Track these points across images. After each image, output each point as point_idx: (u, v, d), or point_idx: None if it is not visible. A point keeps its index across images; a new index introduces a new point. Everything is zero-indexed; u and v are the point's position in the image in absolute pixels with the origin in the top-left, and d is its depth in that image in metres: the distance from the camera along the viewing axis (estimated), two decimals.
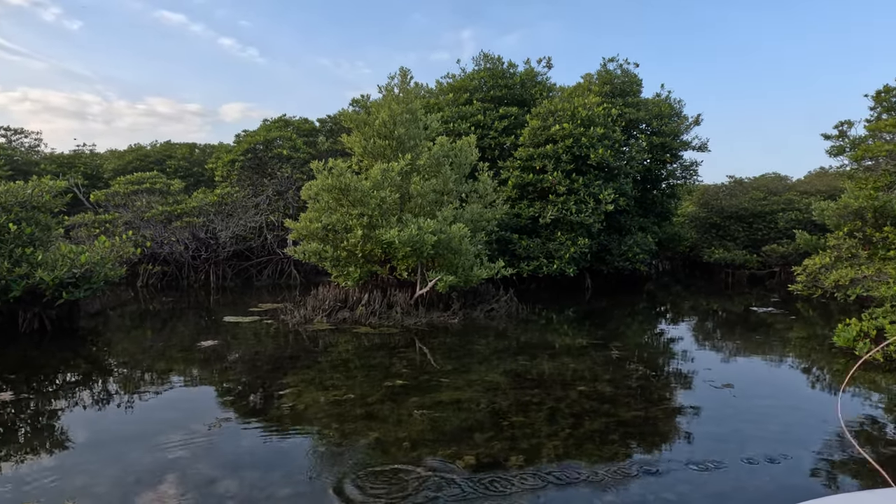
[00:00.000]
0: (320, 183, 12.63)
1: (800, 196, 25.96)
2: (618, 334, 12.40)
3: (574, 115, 19.00)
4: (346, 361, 9.32)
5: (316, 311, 12.92)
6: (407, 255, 12.58)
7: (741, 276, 24.52)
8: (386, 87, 14.33)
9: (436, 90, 23.05)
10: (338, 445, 5.64)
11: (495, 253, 18.03)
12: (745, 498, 4.58)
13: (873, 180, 13.70)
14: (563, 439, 5.82)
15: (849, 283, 11.86)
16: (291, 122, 24.77)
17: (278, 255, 22.20)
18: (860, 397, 7.60)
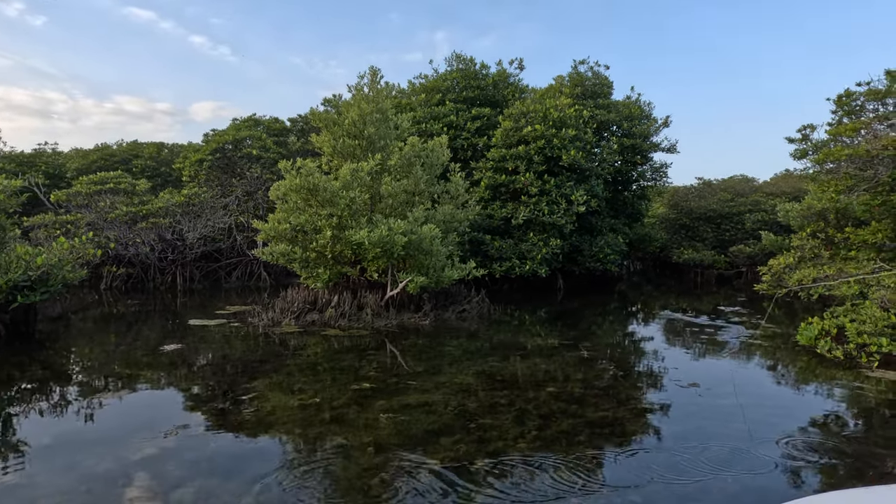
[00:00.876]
0: (288, 183, 12.42)
1: (766, 197, 26.52)
2: (588, 334, 12.46)
3: (546, 117, 19.09)
4: (314, 365, 9.15)
5: (284, 314, 12.69)
6: (377, 256, 12.44)
7: (710, 275, 24.95)
8: (355, 87, 14.18)
9: (408, 90, 22.94)
10: (301, 452, 5.50)
11: (468, 254, 18.00)
12: (709, 499, 4.59)
13: (835, 183, 14.02)
14: (529, 441, 5.77)
15: (811, 283, 12.10)
16: (261, 122, 24.38)
17: (248, 257, 21.81)
18: (822, 394, 7.73)
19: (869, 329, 9.17)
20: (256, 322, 12.47)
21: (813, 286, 12.22)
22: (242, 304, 15.77)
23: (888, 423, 6.52)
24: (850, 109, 15.09)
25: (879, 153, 11.90)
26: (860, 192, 13.65)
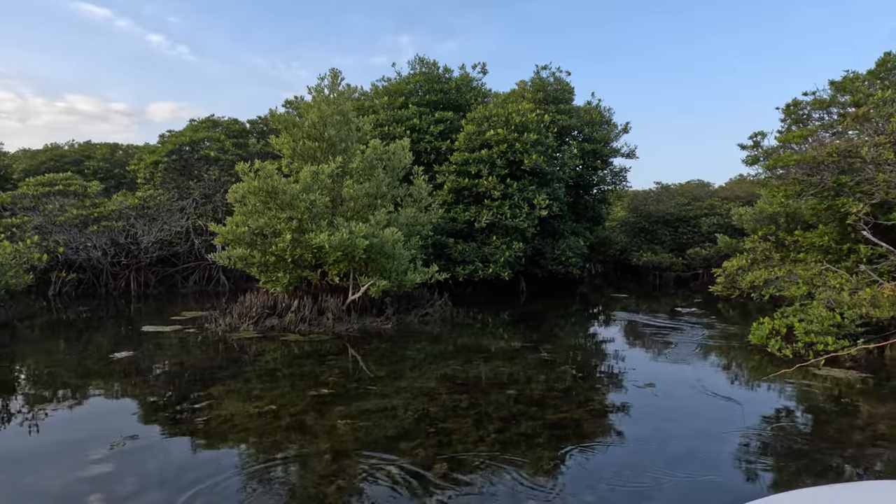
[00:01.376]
0: (247, 186, 12.17)
1: (721, 202, 27.33)
2: (550, 336, 12.58)
3: (508, 121, 19.25)
4: (272, 371, 8.97)
5: (242, 319, 12.42)
6: (338, 259, 12.30)
7: (668, 277, 25.55)
8: (315, 88, 14.01)
9: (371, 93, 22.83)
10: (255, 461, 5.36)
11: (431, 257, 17.97)
12: (663, 496, 4.66)
13: (784, 188, 14.53)
14: (489, 444, 5.77)
15: (763, 284, 12.51)
16: (220, 123, 23.88)
17: (206, 261, 21.27)
18: (772, 392, 7.98)
19: (816, 328, 9.52)
20: (213, 328, 12.16)
21: (764, 287, 12.64)
22: (200, 310, 15.36)
23: (834, 419, 6.76)
24: (797, 118, 15.68)
25: (825, 160, 12.39)
26: (808, 196, 14.18)
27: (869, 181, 12.00)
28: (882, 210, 12.25)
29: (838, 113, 14.93)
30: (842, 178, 12.91)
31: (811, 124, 15.39)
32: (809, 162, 12.92)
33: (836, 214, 13.27)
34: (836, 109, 15.13)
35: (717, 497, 4.64)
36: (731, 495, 4.66)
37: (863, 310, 9.46)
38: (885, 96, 11.86)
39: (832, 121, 15.03)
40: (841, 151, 12.19)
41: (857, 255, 12.76)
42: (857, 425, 6.51)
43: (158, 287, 20.89)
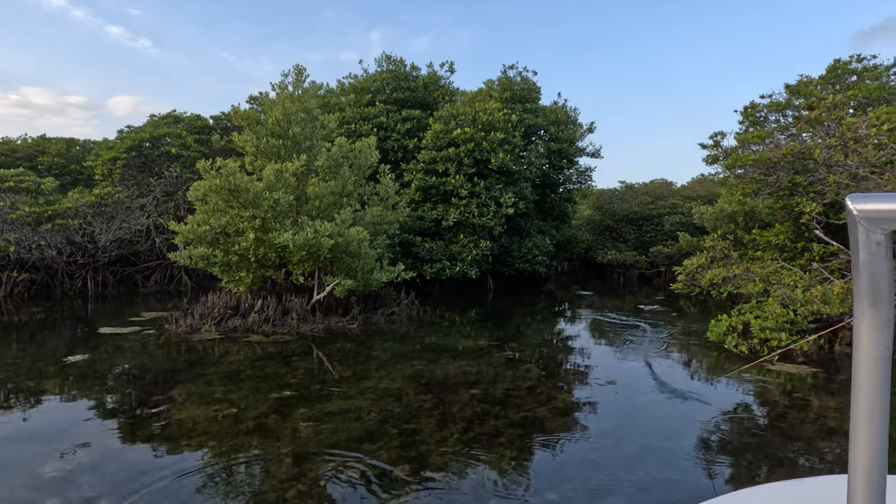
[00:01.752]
0: (208, 184, 11.92)
1: (683, 200, 27.94)
2: (516, 335, 12.67)
3: (476, 120, 19.31)
4: (234, 373, 8.80)
5: (204, 320, 12.16)
6: (303, 259, 12.15)
7: (632, 275, 26.01)
8: (279, 85, 13.79)
9: (337, 90, 22.61)
10: (212, 466, 5.26)
11: (398, 256, 17.93)
12: (620, 492, 4.74)
13: (742, 187, 14.94)
14: (451, 445, 5.78)
15: (721, 282, 12.84)
16: (182, 118, 23.30)
17: (167, 260, 20.77)
18: (729, 388, 8.20)
19: (770, 325, 9.83)
20: (174, 329, 11.88)
21: (723, 285, 12.98)
22: (161, 310, 14.98)
23: (787, 414, 6.99)
24: (755, 120, 16.14)
25: (780, 161, 12.78)
26: (765, 196, 14.61)
27: (821, 182, 12.43)
28: (833, 210, 12.70)
29: (793, 115, 15.43)
30: (796, 178, 13.34)
31: (768, 126, 15.86)
32: (766, 162, 13.32)
33: (791, 214, 13.70)
34: (791, 112, 15.64)
35: (673, 493, 4.75)
36: (687, 492, 4.77)
37: (814, 307, 9.80)
38: (835, 100, 12.29)
39: (787, 123, 15.52)
40: (795, 153, 12.59)
41: (810, 254, 13.21)
42: (808, 419, 6.75)
43: (117, 287, 20.29)
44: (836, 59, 14.94)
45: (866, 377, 0.71)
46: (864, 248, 0.67)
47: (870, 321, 0.69)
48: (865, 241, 0.67)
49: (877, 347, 0.70)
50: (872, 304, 0.69)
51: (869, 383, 0.71)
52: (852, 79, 15.04)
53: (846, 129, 11.16)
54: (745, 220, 16.59)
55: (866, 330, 0.70)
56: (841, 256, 12.12)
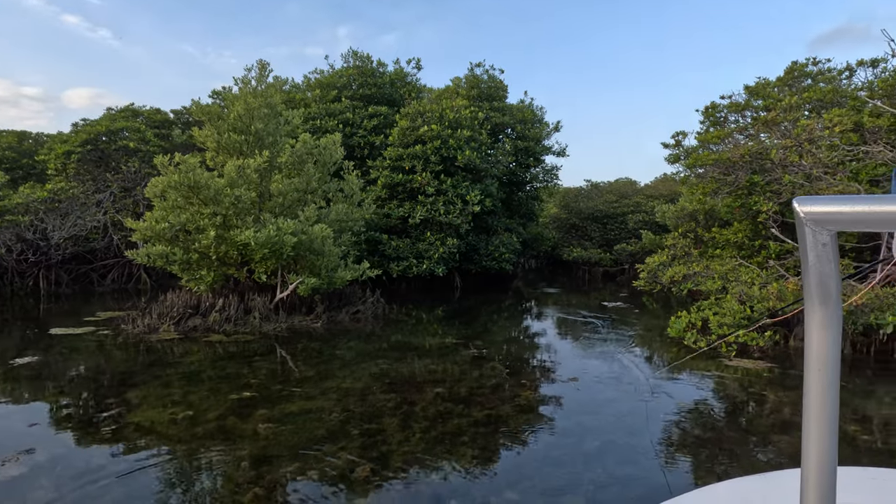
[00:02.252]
0: (166, 180, 11.58)
1: (646, 199, 28.46)
2: (482, 332, 12.68)
3: (442, 117, 19.26)
4: (192, 374, 8.57)
5: (162, 319, 11.82)
6: (265, 257, 11.92)
7: (596, 272, 26.38)
8: (242, 80, 13.48)
9: (303, 86, 22.28)
10: (167, 471, 5.09)
11: (364, 253, 17.77)
12: (580, 491, 4.77)
13: (702, 186, 15.27)
14: (413, 444, 5.73)
15: (682, 279, 13.11)
16: (141, 112, 22.61)
17: (126, 258, 20.13)
18: (688, 384, 8.35)
19: (728, 321, 10.06)
20: (131, 329, 11.51)
21: (683, 282, 13.24)
22: (118, 310, 14.51)
23: (744, 408, 7.16)
24: (715, 120, 16.51)
25: (738, 161, 13.09)
26: (724, 195, 14.96)
27: (777, 182, 12.79)
28: (789, 209, 13.07)
29: (752, 116, 15.84)
30: (754, 177, 13.69)
31: (728, 126, 16.25)
32: (725, 162, 13.63)
33: (749, 212, 14.08)
34: (750, 113, 16.05)
35: (630, 490, 4.80)
36: (644, 488, 4.83)
37: (770, 303, 10.07)
38: (791, 102, 12.64)
39: (746, 124, 15.93)
40: (753, 153, 12.93)
41: (767, 251, 13.59)
42: (764, 413, 6.92)
43: (72, 286, 19.58)
44: (794, 62, 15.40)
45: (817, 372, 0.73)
46: (812, 250, 0.69)
47: (820, 319, 0.72)
48: (813, 242, 0.69)
49: (827, 343, 0.72)
50: (822, 302, 0.71)
51: (820, 378, 0.73)
52: (807, 82, 15.51)
53: (801, 131, 11.49)
54: (706, 219, 16.98)
55: (817, 327, 0.72)
56: (796, 254, 12.48)
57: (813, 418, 0.75)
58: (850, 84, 14.88)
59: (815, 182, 11.51)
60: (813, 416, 0.75)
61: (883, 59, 13.95)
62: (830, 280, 0.71)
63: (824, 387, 0.73)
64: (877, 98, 12.10)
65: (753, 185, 13.86)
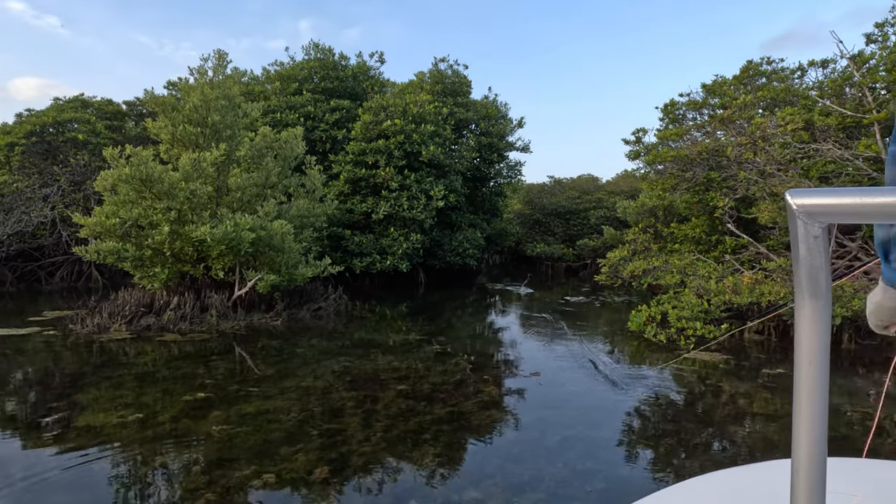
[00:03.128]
0: (116, 173, 11.11)
1: (608, 195, 28.90)
2: (445, 328, 12.62)
3: (406, 112, 19.08)
4: (144, 375, 8.24)
5: (114, 318, 11.36)
6: (222, 253, 11.57)
7: (559, 267, 26.67)
8: (199, 70, 13.03)
9: (262, 78, 21.76)
10: (111, 478, 4.85)
11: (326, 249, 17.49)
12: (541, 487, 4.74)
13: (661, 182, 15.54)
14: (374, 444, 5.62)
15: (642, 274, 13.31)
16: (91, 103, 21.70)
17: (76, 255, 19.32)
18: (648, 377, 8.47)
19: (686, 314, 10.25)
20: (79, 329, 11.03)
21: (643, 277, 13.45)
22: (67, 309, 13.89)
23: (701, 400, 7.28)
24: (674, 117, 16.80)
25: (696, 158, 13.35)
26: (682, 191, 15.26)
27: (733, 178, 13.10)
28: (744, 204, 13.42)
29: (709, 114, 16.18)
30: (711, 174, 13.99)
31: (686, 123, 16.57)
32: (683, 159, 13.89)
33: (707, 208, 14.39)
34: (707, 110, 16.39)
35: (591, 484, 4.80)
36: (604, 483, 4.84)
37: (726, 297, 10.30)
38: (746, 100, 12.95)
39: (704, 121, 16.26)
40: (710, 150, 13.20)
41: (723, 246, 13.91)
42: (721, 404, 7.05)
43: (17, 284, 18.69)
44: (749, 61, 15.77)
45: (808, 365, 0.74)
46: (803, 243, 0.69)
47: (810, 312, 0.72)
48: (804, 235, 0.69)
49: (817, 337, 0.73)
50: (812, 295, 0.72)
51: (810, 371, 0.74)
52: (762, 80, 15.92)
53: (755, 129, 11.78)
54: (665, 215, 17.28)
55: (807, 321, 0.73)
56: (750, 249, 12.82)
57: (803, 410, 0.75)
58: (802, 84, 15.33)
59: (768, 178, 11.82)
60: (803, 408, 0.75)
61: (832, 59, 14.42)
62: (821, 273, 0.71)
63: (814, 379, 0.74)
64: (826, 98, 12.49)
65: (710, 182, 14.17)
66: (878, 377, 8.47)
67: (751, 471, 2.02)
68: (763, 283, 10.34)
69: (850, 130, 12.16)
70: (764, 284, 10.29)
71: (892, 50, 11.90)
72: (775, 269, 10.95)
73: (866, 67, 12.44)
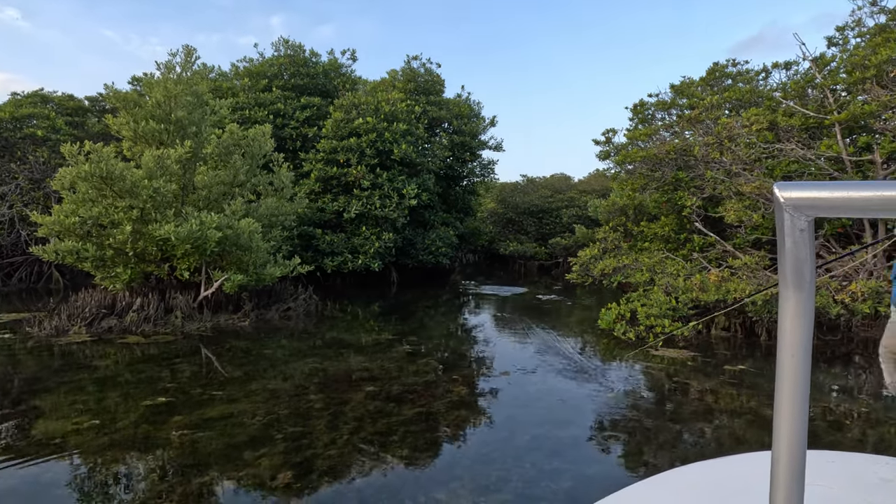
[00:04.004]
0: (75, 170, 10.75)
1: (580, 194, 29.15)
2: (417, 328, 12.54)
3: (378, 110, 18.93)
4: (103, 379, 7.97)
5: (73, 321, 10.99)
6: (187, 252, 11.29)
7: (532, 266, 26.80)
8: (166, 65, 12.67)
9: (231, 74, 21.35)
10: (62, 488, 4.65)
11: (297, 248, 17.24)
12: (509, 488, 4.70)
13: (631, 182, 15.71)
14: (340, 447, 5.51)
15: (612, 272, 13.42)
16: (51, 98, 21.02)
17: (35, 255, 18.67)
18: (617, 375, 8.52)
19: (655, 312, 10.35)
20: (37, 332, 10.63)
21: (614, 275, 13.56)
22: (25, 311, 13.41)
23: (669, 396, 7.34)
24: (643, 117, 17.00)
25: (665, 157, 13.51)
26: (651, 190, 15.44)
27: (700, 177, 13.29)
28: (711, 204, 13.63)
29: (677, 114, 16.40)
30: (679, 173, 14.18)
31: (655, 123, 16.77)
32: (652, 158, 14.04)
33: (675, 207, 14.58)
34: (676, 111, 16.61)
35: (558, 484, 4.78)
36: (572, 481, 4.82)
37: (693, 294, 10.44)
38: (712, 101, 13.15)
39: (672, 121, 16.49)
40: (678, 149, 13.37)
41: (691, 244, 14.12)
42: (688, 400, 7.12)
43: None
44: (715, 63, 16.03)
45: (790, 357, 0.74)
46: (790, 235, 0.70)
47: (794, 305, 0.73)
48: (790, 227, 0.69)
49: (801, 328, 0.73)
50: (797, 287, 0.72)
51: (793, 363, 0.74)
52: (728, 82, 16.20)
53: (721, 129, 11.96)
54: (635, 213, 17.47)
55: (791, 313, 0.73)
56: (717, 247, 13.02)
57: (785, 402, 0.75)
58: (766, 85, 15.64)
59: (734, 178, 12.01)
60: (785, 401, 0.75)
61: (795, 62, 14.74)
62: (805, 266, 0.71)
63: (796, 372, 0.74)
64: (790, 99, 12.76)
65: (679, 181, 14.36)
66: (839, 371, 8.68)
67: (726, 463, 2.06)
68: (729, 281, 10.51)
69: (812, 131, 12.44)
70: (730, 282, 10.45)
71: (853, 53, 12.20)
72: (741, 266, 11.13)
73: (828, 70, 12.75)
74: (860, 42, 12.74)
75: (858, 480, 1.74)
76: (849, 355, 9.68)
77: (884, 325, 5.26)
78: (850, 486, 1.70)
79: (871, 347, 10.23)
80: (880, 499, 1.61)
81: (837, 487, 1.68)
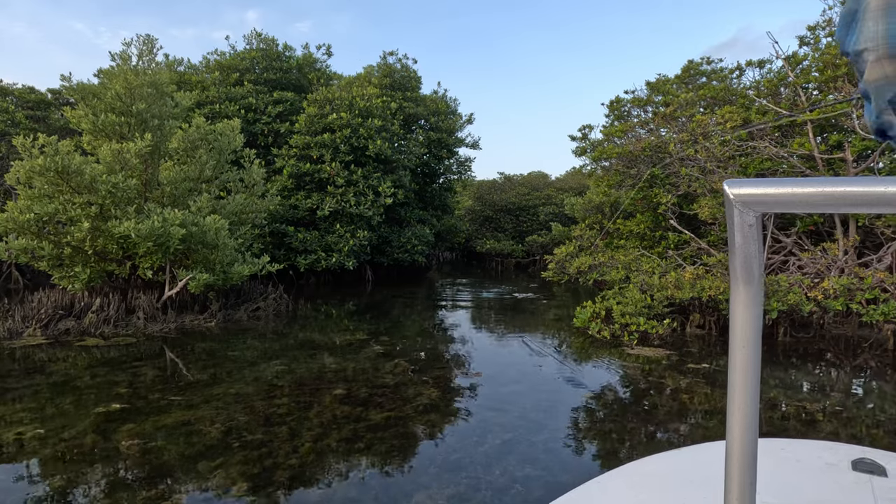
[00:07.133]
0: (30, 164, 10.24)
1: (557, 192, 29.12)
2: (391, 327, 12.27)
3: (352, 105, 18.58)
4: (55, 385, 7.56)
5: (28, 322, 10.49)
6: (150, 251, 10.85)
7: (509, 263, 26.70)
8: (121, 55, 12.16)
9: (201, 67, 20.78)
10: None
11: (269, 246, 16.84)
12: (477, 497, 4.48)
13: (607, 179, 15.63)
14: (302, 455, 5.23)
15: (588, 269, 13.31)
16: (11, 91, 20.22)
17: None
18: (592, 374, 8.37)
19: (630, 310, 10.24)
20: None
21: (589, 272, 13.46)
22: None
23: (645, 394, 7.20)
24: (619, 114, 16.94)
25: (640, 154, 13.44)
26: (627, 187, 15.38)
27: (676, 174, 13.25)
28: (686, 201, 13.61)
29: (653, 111, 16.38)
30: (654, 171, 14.13)
31: (631, 120, 16.73)
32: (628, 155, 13.96)
33: (651, 204, 14.54)
34: (651, 108, 16.59)
35: (530, 492, 4.57)
36: (544, 489, 4.62)
37: (668, 292, 10.35)
38: (687, 98, 13.10)
39: (648, 118, 16.46)
40: (653, 146, 13.30)
41: (666, 242, 14.08)
42: (664, 398, 6.99)
43: None
44: (690, 61, 16.03)
45: (741, 349, 0.75)
46: (739, 231, 0.71)
47: (744, 298, 0.74)
48: (740, 223, 0.71)
49: (750, 321, 0.75)
50: (746, 282, 0.73)
51: (744, 354, 0.75)
52: (702, 80, 16.22)
53: (696, 126, 11.91)
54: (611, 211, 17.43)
55: (741, 306, 0.75)
56: (692, 244, 12.99)
57: (737, 392, 0.76)
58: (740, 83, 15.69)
59: (708, 175, 11.98)
60: (737, 391, 0.76)
61: (769, 60, 14.79)
62: (754, 260, 0.72)
63: (747, 362, 0.75)
64: (763, 97, 12.77)
65: (654, 178, 14.31)
66: (812, 368, 8.65)
67: (686, 453, 2.15)
68: (704, 278, 10.44)
69: (784, 129, 12.47)
70: (705, 279, 10.39)
71: (824, 52, 12.25)
72: (715, 263, 11.09)
73: (800, 68, 12.79)
74: (831, 41, 12.79)
75: (806, 465, 1.87)
76: (821, 352, 9.68)
77: (856, 323, 5.19)
78: (799, 470, 1.83)
79: (842, 344, 10.27)
80: (825, 480, 1.75)
81: (788, 472, 1.79)
